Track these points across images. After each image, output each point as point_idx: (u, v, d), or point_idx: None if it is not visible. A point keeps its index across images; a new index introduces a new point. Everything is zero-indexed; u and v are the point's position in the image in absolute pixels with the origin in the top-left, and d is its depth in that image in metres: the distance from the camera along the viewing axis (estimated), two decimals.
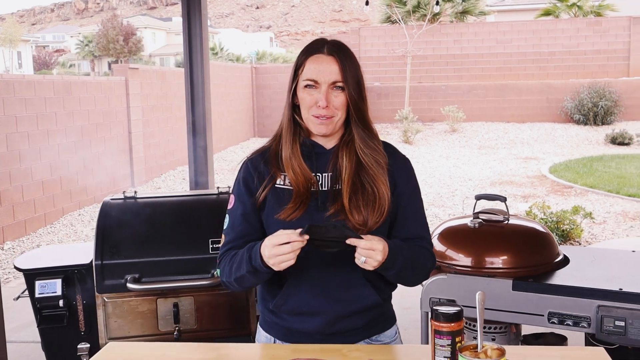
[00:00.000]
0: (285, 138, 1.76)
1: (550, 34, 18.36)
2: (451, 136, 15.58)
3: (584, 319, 2.41)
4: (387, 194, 1.72)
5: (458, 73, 18.38)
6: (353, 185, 1.71)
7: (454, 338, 1.40)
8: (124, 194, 2.90)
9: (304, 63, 1.73)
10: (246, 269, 1.65)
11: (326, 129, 1.72)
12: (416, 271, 1.75)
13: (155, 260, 2.71)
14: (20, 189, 7.75)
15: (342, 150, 1.75)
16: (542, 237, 2.76)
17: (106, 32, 45.56)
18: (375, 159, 1.74)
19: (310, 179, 1.72)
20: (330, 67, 1.70)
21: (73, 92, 8.95)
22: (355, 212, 1.68)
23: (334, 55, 1.71)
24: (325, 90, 1.69)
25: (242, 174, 1.80)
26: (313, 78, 1.70)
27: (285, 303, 1.73)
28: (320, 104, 1.68)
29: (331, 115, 1.70)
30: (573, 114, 15.97)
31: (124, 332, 2.71)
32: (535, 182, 10.21)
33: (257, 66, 18.51)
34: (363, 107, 1.75)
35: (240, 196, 1.78)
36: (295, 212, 1.68)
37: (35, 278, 2.77)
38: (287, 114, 1.77)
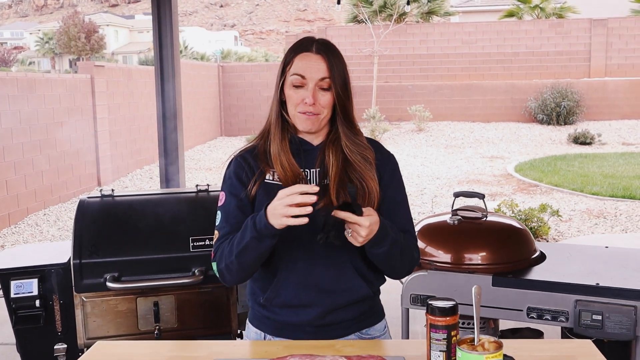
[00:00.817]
0: (273, 134, 1.77)
1: (513, 34, 18.64)
2: (418, 135, 15.72)
3: (562, 314, 2.46)
4: (376, 189, 1.75)
5: (424, 73, 18.54)
6: (340, 181, 1.73)
7: (449, 332, 1.42)
8: (101, 192, 2.86)
9: (292, 60, 1.75)
10: (251, 235, 1.61)
11: (312, 125, 1.74)
12: (404, 257, 1.76)
13: (135, 259, 2.68)
14: None
15: (328, 148, 1.77)
16: (519, 234, 2.81)
17: (67, 29, 44.72)
18: (362, 155, 1.77)
19: (298, 174, 1.73)
20: (318, 65, 1.72)
21: (37, 89, 8.77)
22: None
23: (321, 54, 1.73)
24: (313, 88, 1.71)
25: (232, 168, 1.80)
26: (300, 73, 1.71)
27: (277, 296, 1.73)
28: (307, 100, 1.70)
29: (317, 113, 1.72)
30: (536, 113, 16.26)
31: (103, 331, 2.67)
32: (502, 181, 10.36)
33: (224, 65, 18.39)
34: (349, 106, 1.78)
35: (233, 190, 1.77)
36: None
37: (10, 278, 2.70)
38: (275, 110, 1.78)
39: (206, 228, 2.74)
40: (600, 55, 18.39)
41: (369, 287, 1.77)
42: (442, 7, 20.11)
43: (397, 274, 1.84)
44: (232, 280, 1.72)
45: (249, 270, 1.70)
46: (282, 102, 1.78)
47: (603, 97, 16.61)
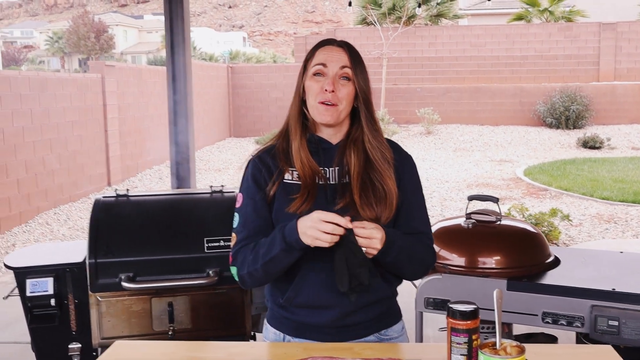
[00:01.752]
0: (293, 131, 1.79)
1: (522, 38, 18.60)
2: (427, 138, 15.70)
3: (577, 319, 2.45)
4: (395, 190, 1.75)
5: (433, 75, 18.52)
6: (362, 182, 1.73)
7: (470, 336, 1.42)
8: (116, 192, 2.87)
9: (313, 54, 1.78)
10: (280, 247, 1.64)
11: (331, 117, 1.74)
12: (414, 262, 1.77)
13: (150, 259, 2.69)
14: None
15: (349, 147, 1.78)
16: (534, 238, 2.81)
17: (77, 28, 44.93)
18: (382, 154, 1.77)
19: (317, 171, 1.74)
20: (339, 55, 1.76)
21: (49, 88, 8.81)
22: (367, 208, 1.70)
23: (343, 47, 1.78)
24: (333, 77, 1.73)
25: (250, 171, 1.81)
26: (322, 62, 1.74)
27: (297, 296, 1.74)
28: (327, 87, 1.72)
29: (336, 103, 1.73)
30: (545, 117, 16.21)
31: (117, 331, 2.68)
32: (511, 185, 10.34)
33: (233, 65, 18.43)
34: (371, 99, 1.79)
35: (250, 193, 1.78)
36: (304, 205, 1.70)
37: (26, 276, 2.72)
38: (296, 107, 1.80)
39: (221, 229, 2.75)
40: (609, 59, 18.33)
41: (388, 287, 1.78)
42: (451, 10, 20.09)
43: (410, 278, 1.85)
44: (252, 285, 1.74)
45: (273, 278, 1.72)
46: (303, 101, 1.79)
47: (612, 101, 16.55)
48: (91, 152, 9.98)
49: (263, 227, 1.75)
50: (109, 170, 10.49)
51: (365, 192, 1.72)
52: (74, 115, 9.44)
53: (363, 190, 1.72)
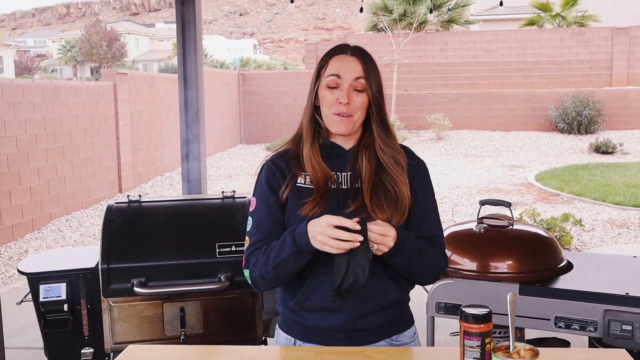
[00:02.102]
0: (305, 137, 1.80)
1: (534, 43, 18.55)
2: (437, 144, 15.67)
3: (590, 323, 2.44)
4: (408, 194, 1.75)
5: (444, 81, 18.50)
6: (374, 185, 1.74)
7: (483, 339, 1.41)
8: (128, 198, 2.89)
9: (327, 63, 1.78)
10: (290, 250, 1.65)
11: (345, 128, 1.75)
12: (424, 266, 1.76)
13: (162, 264, 2.70)
14: (8, 194, 7.67)
15: (361, 152, 1.78)
16: (546, 242, 2.79)
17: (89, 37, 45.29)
18: (395, 159, 1.77)
19: (329, 175, 1.75)
20: (353, 66, 1.75)
21: (61, 96, 8.88)
22: (378, 210, 1.71)
23: (357, 56, 1.77)
24: (347, 88, 1.73)
25: (264, 174, 1.82)
26: (336, 73, 1.74)
27: (307, 299, 1.74)
28: (342, 100, 1.72)
29: (351, 114, 1.74)
30: (557, 122, 16.14)
31: (129, 336, 2.69)
32: (522, 190, 10.29)
33: (244, 72, 18.49)
34: (384, 108, 1.80)
35: (264, 196, 1.79)
36: (315, 208, 1.71)
37: (40, 282, 2.74)
38: (308, 114, 1.80)
39: (232, 234, 2.76)
40: (622, 64, 18.22)
41: (400, 290, 1.78)
42: (462, 15, 20.07)
43: (421, 281, 1.85)
44: (265, 288, 1.74)
45: (285, 280, 1.73)
46: (315, 107, 1.80)
47: (625, 106, 16.46)
48: (103, 159, 10.04)
49: (276, 230, 1.75)
50: (120, 177, 10.55)
51: (376, 194, 1.72)
52: (86, 122, 9.51)
53: (374, 193, 1.72)
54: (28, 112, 8.06)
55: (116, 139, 10.44)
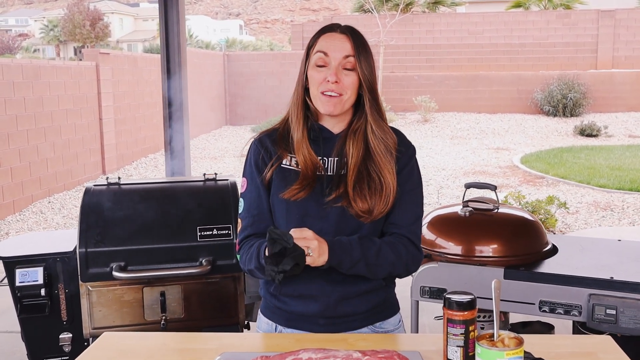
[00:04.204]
0: (294, 120, 1.74)
1: (520, 25, 18.52)
2: (424, 126, 15.65)
3: (575, 307, 2.42)
4: (394, 184, 1.70)
5: (430, 63, 18.44)
6: (359, 173, 1.69)
7: (467, 327, 1.38)
8: (107, 180, 2.82)
9: (316, 41, 1.72)
10: (254, 265, 1.67)
11: (334, 108, 1.69)
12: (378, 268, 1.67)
13: (142, 248, 2.64)
14: None
15: (349, 138, 1.73)
16: (531, 226, 2.77)
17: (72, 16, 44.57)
18: (385, 145, 1.72)
19: (316, 163, 1.70)
20: (342, 44, 1.69)
21: (42, 76, 8.72)
22: (359, 200, 1.66)
23: (346, 34, 1.71)
24: (336, 67, 1.68)
25: (252, 155, 1.78)
26: (323, 50, 1.68)
27: (286, 285, 1.71)
28: (330, 78, 1.66)
29: (340, 93, 1.68)
30: (543, 105, 16.17)
31: (108, 321, 2.64)
32: (508, 172, 10.31)
33: (229, 53, 18.31)
34: (376, 88, 1.74)
35: (253, 177, 1.76)
36: (300, 193, 1.67)
37: (16, 266, 2.67)
38: (298, 95, 1.75)
39: (214, 217, 2.71)
40: (607, 47, 18.26)
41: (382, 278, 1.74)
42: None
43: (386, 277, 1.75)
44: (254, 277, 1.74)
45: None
46: (306, 89, 1.74)
47: (610, 89, 16.51)
48: (86, 140, 9.91)
49: (266, 213, 1.74)
50: (103, 158, 10.43)
51: (360, 183, 1.68)
52: (68, 103, 9.37)
53: (358, 182, 1.68)
54: (7, 92, 7.91)
55: (99, 120, 10.30)
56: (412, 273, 1.78)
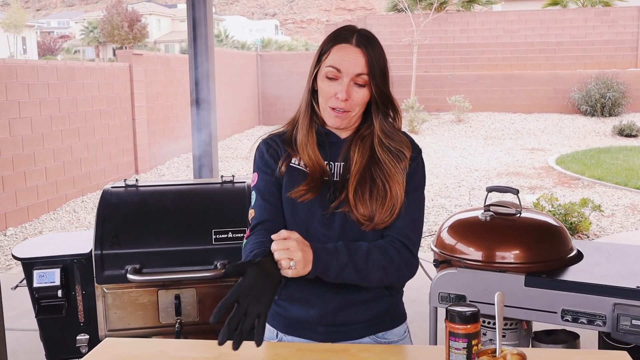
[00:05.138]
0: (301, 124, 1.71)
1: (558, 23, 18.16)
2: (457, 126, 15.46)
3: (599, 317, 2.33)
4: (401, 195, 1.63)
5: (464, 62, 18.21)
6: (361, 178, 1.64)
7: (470, 341, 1.32)
8: (125, 182, 2.83)
9: (329, 50, 1.65)
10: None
11: (341, 123, 1.66)
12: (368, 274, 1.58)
13: (157, 250, 2.63)
14: (23, 175, 7.69)
15: (355, 144, 1.68)
16: (555, 231, 2.67)
17: (111, 18, 45.34)
18: (396, 155, 1.66)
19: (323, 166, 1.67)
20: (356, 59, 1.62)
21: (76, 77, 8.86)
22: (360, 205, 1.61)
23: (361, 48, 1.63)
24: (347, 83, 1.61)
25: (263, 148, 1.74)
26: (336, 66, 1.61)
27: (285, 287, 1.67)
28: (340, 96, 1.61)
29: (348, 110, 1.64)
30: (580, 105, 15.83)
31: (124, 324, 2.63)
32: (542, 174, 10.10)
33: (263, 53, 18.37)
34: (390, 97, 1.67)
35: (264, 167, 1.72)
36: (307, 195, 1.63)
37: (34, 267, 2.69)
38: (306, 99, 1.71)
39: (229, 220, 2.68)
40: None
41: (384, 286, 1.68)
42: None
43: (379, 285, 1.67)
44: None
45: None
46: (313, 92, 1.70)
47: None
48: (119, 140, 10.03)
49: (278, 208, 1.68)
50: (136, 158, 10.55)
51: (361, 188, 1.63)
52: (102, 104, 9.50)
53: (359, 186, 1.63)
54: (42, 93, 8.05)
55: (132, 120, 10.42)
56: (407, 280, 1.69)
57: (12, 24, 40.80)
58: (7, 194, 7.37)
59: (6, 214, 7.36)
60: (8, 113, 7.36)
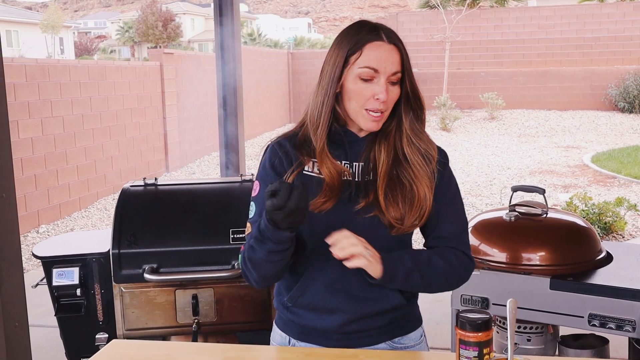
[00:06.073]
0: (320, 130, 1.59)
1: (594, 18, 17.78)
2: (490, 124, 15.25)
3: (628, 323, 2.24)
4: (430, 197, 1.56)
5: (498, 59, 17.95)
6: (389, 180, 1.56)
7: (481, 349, 1.26)
8: (144, 181, 2.81)
9: (361, 50, 1.55)
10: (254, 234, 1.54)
11: (377, 126, 1.57)
12: (431, 280, 1.58)
13: (174, 250, 2.61)
14: (55, 173, 7.80)
15: (379, 142, 1.60)
16: (583, 233, 2.58)
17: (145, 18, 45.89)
18: (423, 156, 1.59)
19: (341, 171, 1.58)
20: (392, 57, 1.54)
21: (108, 77, 8.95)
22: (392, 208, 1.54)
23: (395, 45, 1.56)
24: (384, 83, 1.53)
25: (268, 156, 1.66)
26: (373, 66, 1.53)
27: (302, 296, 1.60)
28: (381, 97, 1.52)
29: (385, 110, 1.56)
30: (617, 101, 15.47)
31: (141, 323, 2.62)
32: (577, 172, 9.89)
33: (294, 51, 18.37)
34: (418, 94, 1.61)
35: (267, 180, 1.63)
36: (326, 204, 1.55)
37: (53, 266, 2.70)
38: (329, 104, 1.58)
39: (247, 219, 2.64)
40: None
41: (403, 295, 1.61)
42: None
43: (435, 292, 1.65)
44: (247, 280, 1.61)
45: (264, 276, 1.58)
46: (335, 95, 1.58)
47: None
48: (150, 138, 10.12)
49: None
50: (167, 156, 10.63)
51: (391, 190, 1.55)
52: (133, 102, 9.59)
53: (389, 188, 1.55)
54: (74, 93, 8.16)
55: (163, 119, 10.51)
56: (464, 282, 1.68)
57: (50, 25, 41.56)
58: (39, 191, 7.48)
59: (39, 211, 7.48)
60: (41, 112, 7.47)
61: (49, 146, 7.63)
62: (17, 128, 6.99)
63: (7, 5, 57.40)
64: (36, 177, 7.42)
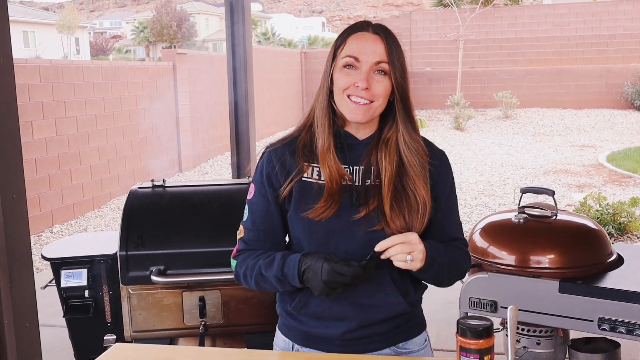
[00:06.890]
0: (320, 127, 1.58)
1: (610, 16, 17.61)
2: (504, 123, 15.15)
3: (638, 327, 2.20)
4: (429, 200, 1.56)
5: (512, 57, 17.84)
6: (395, 190, 1.54)
7: (482, 356, 1.24)
8: (152, 183, 2.82)
9: (344, 41, 1.56)
10: (274, 274, 1.55)
11: (363, 116, 1.53)
12: (453, 272, 1.63)
13: (181, 252, 2.61)
14: (69, 173, 7.85)
15: (381, 149, 1.57)
16: (593, 235, 2.55)
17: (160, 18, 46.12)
18: (418, 157, 1.57)
19: (343, 175, 1.56)
20: (374, 46, 1.52)
21: (121, 77, 9.00)
22: (397, 220, 1.53)
23: (379, 35, 1.54)
24: (367, 71, 1.51)
25: (264, 165, 1.63)
26: (354, 55, 1.52)
27: (306, 305, 1.59)
28: (360, 84, 1.50)
29: (371, 100, 1.52)
30: (634, 99, 15.31)
31: (149, 325, 2.62)
32: (592, 171, 9.80)
33: (307, 51, 18.37)
34: (409, 95, 1.58)
35: (261, 189, 1.62)
36: (327, 211, 1.53)
37: (61, 267, 2.71)
38: (324, 99, 1.58)
39: None
40: None
41: (407, 302, 1.60)
42: None
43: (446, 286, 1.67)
44: (246, 286, 1.63)
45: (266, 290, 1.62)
46: (330, 92, 1.58)
47: None
48: (163, 138, 10.16)
49: (271, 233, 1.63)
50: (180, 156, 10.66)
51: (397, 202, 1.53)
52: (146, 103, 9.63)
53: (395, 200, 1.53)
54: (88, 93, 8.21)
55: (176, 119, 10.54)
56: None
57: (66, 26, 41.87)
58: (53, 191, 7.54)
59: (52, 211, 7.53)
60: (54, 113, 7.52)
61: (62, 146, 7.69)
62: (31, 128, 7.04)
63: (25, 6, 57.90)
64: (50, 177, 7.47)
